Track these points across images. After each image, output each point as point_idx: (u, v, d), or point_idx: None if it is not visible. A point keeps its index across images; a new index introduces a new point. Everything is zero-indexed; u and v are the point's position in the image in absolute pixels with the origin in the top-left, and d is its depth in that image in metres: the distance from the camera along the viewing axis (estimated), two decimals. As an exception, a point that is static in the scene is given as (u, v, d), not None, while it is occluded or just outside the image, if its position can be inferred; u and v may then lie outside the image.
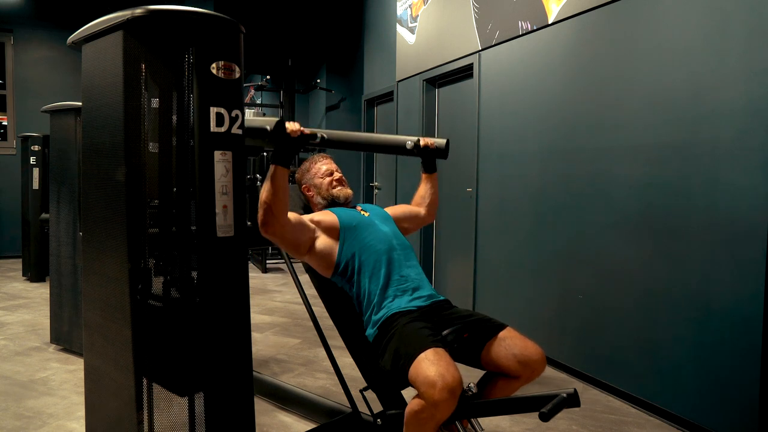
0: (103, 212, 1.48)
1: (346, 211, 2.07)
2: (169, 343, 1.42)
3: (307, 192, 2.22)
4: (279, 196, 1.76)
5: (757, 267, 2.13)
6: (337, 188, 2.17)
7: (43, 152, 5.09)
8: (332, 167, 2.22)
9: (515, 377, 1.80)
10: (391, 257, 1.97)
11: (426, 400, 1.57)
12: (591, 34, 2.96)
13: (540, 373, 1.82)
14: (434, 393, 1.54)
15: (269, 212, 1.77)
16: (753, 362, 2.15)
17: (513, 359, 1.78)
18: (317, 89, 8.01)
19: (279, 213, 1.78)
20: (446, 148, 2.24)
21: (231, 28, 1.44)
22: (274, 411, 2.53)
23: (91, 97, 1.52)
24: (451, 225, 4.54)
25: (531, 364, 1.78)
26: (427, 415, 1.57)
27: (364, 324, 1.95)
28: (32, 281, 5.32)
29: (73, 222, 3.23)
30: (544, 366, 1.81)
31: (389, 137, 2.40)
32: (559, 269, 3.17)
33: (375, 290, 1.91)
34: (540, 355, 1.79)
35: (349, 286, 1.99)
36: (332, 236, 1.98)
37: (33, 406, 2.53)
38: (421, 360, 1.63)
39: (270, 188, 1.75)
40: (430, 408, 1.56)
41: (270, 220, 1.78)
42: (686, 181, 2.43)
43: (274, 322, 4.11)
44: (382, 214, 2.17)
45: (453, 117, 4.60)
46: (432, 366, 1.59)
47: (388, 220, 2.16)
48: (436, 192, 2.33)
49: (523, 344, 1.80)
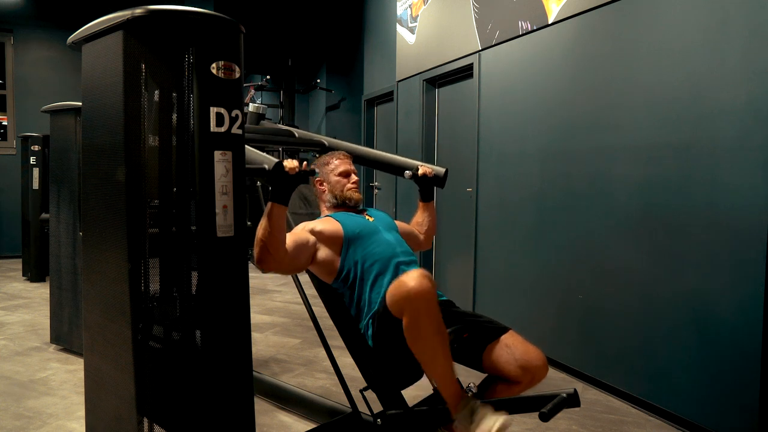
0: (103, 212, 1.48)
1: (350, 218, 2.03)
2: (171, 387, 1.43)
3: (319, 186, 2.17)
4: (276, 234, 1.71)
5: (757, 267, 2.13)
6: (350, 191, 2.13)
7: (43, 152, 5.09)
8: (351, 169, 2.17)
9: (516, 382, 1.80)
10: (395, 266, 1.94)
11: (405, 301, 1.60)
12: (591, 34, 2.96)
13: (541, 379, 1.82)
14: (408, 284, 1.59)
15: (266, 250, 1.71)
16: (753, 362, 2.14)
17: (514, 364, 1.77)
18: (317, 89, 8.01)
19: (276, 251, 1.72)
20: (444, 177, 2.29)
21: (231, 28, 1.44)
22: (274, 411, 2.53)
23: (91, 97, 1.52)
24: (451, 225, 4.54)
25: (532, 369, 1.77)
26: (413, 312, 1.60)
27: (362, 329, 1.95)
28: (32, 281, 5.32)
29: (73, 222, 3.23)
30: (545, 372, 1.81)
31: (390, 157, 2.44)
32: (559, 269, 3.17)
33: (376, 299, 1.89)
34: (542, 360, 1.79)
35: (350, 293, 1.97)
36: (334, 246, 1.95)
37: (33, 406, 2.53)
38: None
39: (267, 226, 1.69)
40: (412, 303, 1.59)
41: (266, 258, 1.73)
42: (686, 181, 2.43)
43: (274, 322, 4.11)
44: (387, 221, 2.15)
45: (453, 117, 4.60)
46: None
47: (393, 228, 2.13)
48: (433, 221, 2.31)
49: (525, 349, 1.79)
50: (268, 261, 1.73)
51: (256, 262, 1.75)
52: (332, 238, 1.94)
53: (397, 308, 1.66)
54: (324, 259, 1.95)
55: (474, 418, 1.62)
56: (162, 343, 1.45)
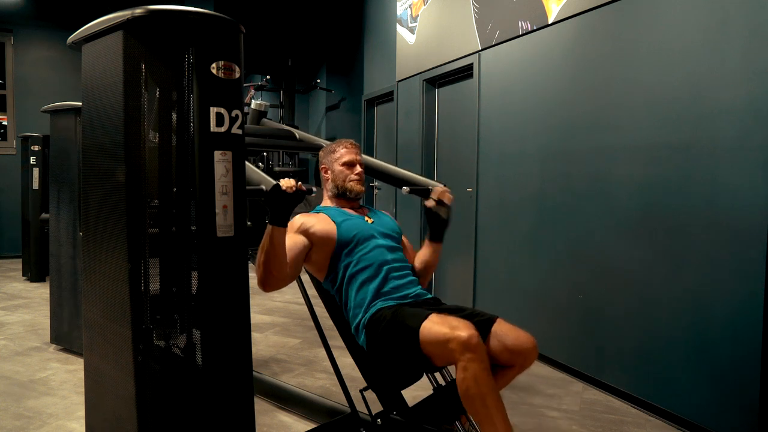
0: (103, 212, 1.48)
1: (347, 219, 2.00)
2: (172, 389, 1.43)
3: (324, 173, 2.14)
4: (279, 256, 1.72)
5: (757, 267, 2.13)
6: (352, 182, 2.07)
7: (43, 152, 5.09)
8: (356, 159, 2.10)
9: (510, 366, 1.83)
10: (386, 272, 1.93)
11: (457, 351, 1.58)
12: (591, 34, 2.96)
13: (533, 360, 1.86)
14: (460, 334, 1.58)
15: (269, 274, 1.73)
16: (753, 362, 2.14)
17: (506, 350, 1.80)
18: (317, 89, 8.01)
19: (279, 271, 1.74)
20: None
21: (231, 28, 1.44)
22: (274, 411, 2.53)
23: (91, 97, 1.52)
24: (451, 225, 4.53)
25: (524, 352, 1.81)
26: (470, 365, 1.58)
27: (354, 331, 1.96)
28: (32, 281, 5.32)
29: (73, 222, 3.23)
30: (536, 353, 1.85)
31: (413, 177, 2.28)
32: (559, 269, 3.17)
33: (361, 305, 1.90)
34: (532, 343, 1.83)
35: (338, 296, 1.99)
36: (326, 247, 1.94)
37: (33, 406, 2.53)
38: (427, 326, 1.67)
39: (269, 249, 1.70)
40: (467, 354, 1.58)
41: (270, 281, 1.75)
42: (686, 181, 2.43)
43: (274, 322, 4.11)
44: (387, 226, 2.10)
45: (453, 117, 4.60)
46: (440, 324, 1.65)
47: (393, 233, 2.09)
48: (434, 266, 2.20)
49: (515, 334, 1.83)
50: (271, 283, 1.75)
51: (260, 284, 1.76)
52: (324, 239, 1.93)
53: (445, 354, 1.64)
54: (316, 260, 1.96)
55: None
56: (162, 344, 1.45)
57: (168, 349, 1.45)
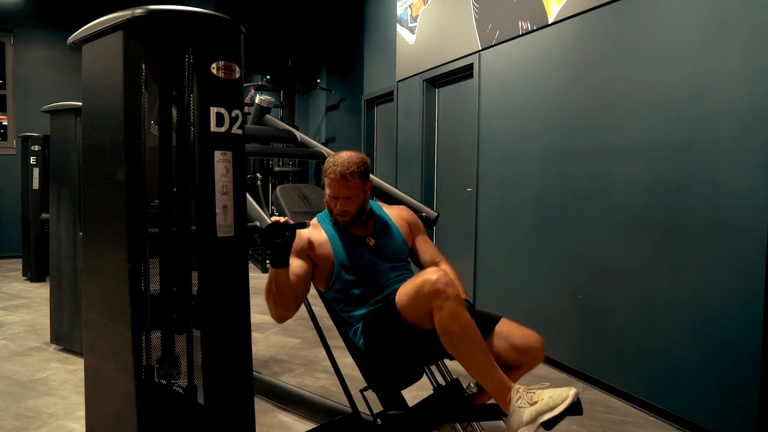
0: (103, 212, 1.48)
1: (345, 248, 1.94)
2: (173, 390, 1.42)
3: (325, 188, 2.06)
4: (287, 295, 1.80)
5: (757, 267, 2.13)
6: (338, 215, 1.95)
7: (43, 152, 5.09)
8: (339, 192, 1.90)
9: (517, 366, 1.82)
10: (385, 294, 1.92)
11: (431, 294, 1.61)
12: (591, 34, 2.96)
13: (541, 360, 1.85)
14: (428, 278, 1.62)
15: (280, 313, 1.84)
16: (753, 362, 2.14)
17: (513, 350, 1.80)
18: (317, 89, 8.01)
19: (289, 308, 1.83)
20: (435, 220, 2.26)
21: (231, 28, 1.44)
22: (274, 411, 2.53)
23: (91, 97, 1.52)
24: (451, 225, 4.54)
25: (532, 351, 1.80)
26: (444, 304, 1.60)
27: (352, 335, 1.97)
28: (32, 281, 5.32)
29: (73, 222, 3.23)
30: (544, 352, 1.84)
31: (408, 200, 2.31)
32: (559, 269, 3.17)
33: (362, 317, 1.91)
34: (539, 342, 1.82)
35: (338, 305, 2.00)
36: (326, 267, 1.94)
37: (33, 406, 2.53)
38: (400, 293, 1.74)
39: (275, 292, 1.79)
40: (440, 295, 1.60)
41: (284, 317, 1.85)
42: (686, 181, 2.43)
43: (274, 322, 4.10)
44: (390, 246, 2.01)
45: (453, 117, 4.60)
46: (410, 282, 1.71)
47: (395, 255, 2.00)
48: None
49: (522, 333, 1.82)
50: (286, 317, 1.86)
51: (275, 320, 1.87)
52: (324, 259, 1.94)
53: (421, 307, 1.67)
54: (317, 275, 1.97)
55: (535, 399, 1.61)
56: (162, 346, 1.45)
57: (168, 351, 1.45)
